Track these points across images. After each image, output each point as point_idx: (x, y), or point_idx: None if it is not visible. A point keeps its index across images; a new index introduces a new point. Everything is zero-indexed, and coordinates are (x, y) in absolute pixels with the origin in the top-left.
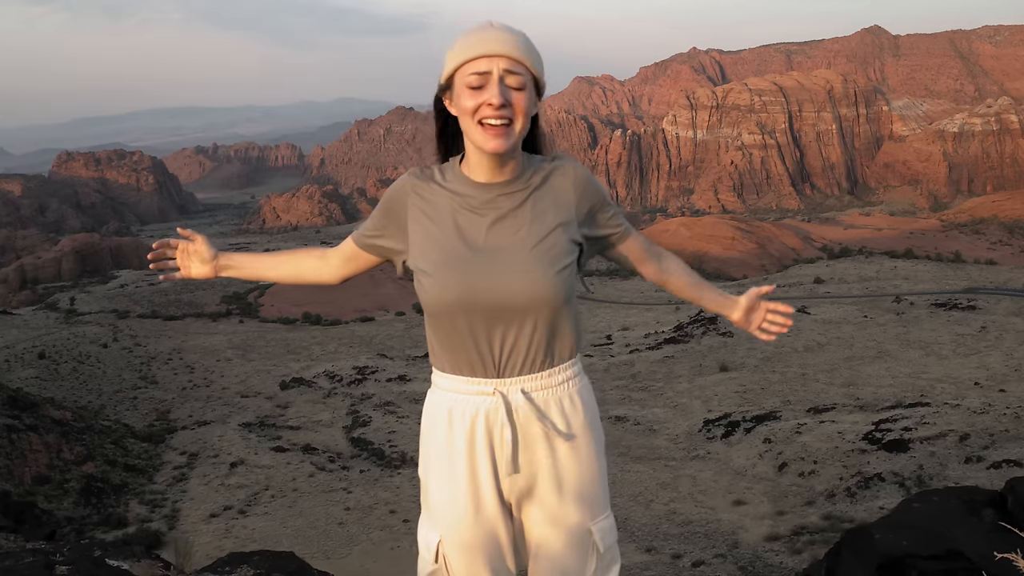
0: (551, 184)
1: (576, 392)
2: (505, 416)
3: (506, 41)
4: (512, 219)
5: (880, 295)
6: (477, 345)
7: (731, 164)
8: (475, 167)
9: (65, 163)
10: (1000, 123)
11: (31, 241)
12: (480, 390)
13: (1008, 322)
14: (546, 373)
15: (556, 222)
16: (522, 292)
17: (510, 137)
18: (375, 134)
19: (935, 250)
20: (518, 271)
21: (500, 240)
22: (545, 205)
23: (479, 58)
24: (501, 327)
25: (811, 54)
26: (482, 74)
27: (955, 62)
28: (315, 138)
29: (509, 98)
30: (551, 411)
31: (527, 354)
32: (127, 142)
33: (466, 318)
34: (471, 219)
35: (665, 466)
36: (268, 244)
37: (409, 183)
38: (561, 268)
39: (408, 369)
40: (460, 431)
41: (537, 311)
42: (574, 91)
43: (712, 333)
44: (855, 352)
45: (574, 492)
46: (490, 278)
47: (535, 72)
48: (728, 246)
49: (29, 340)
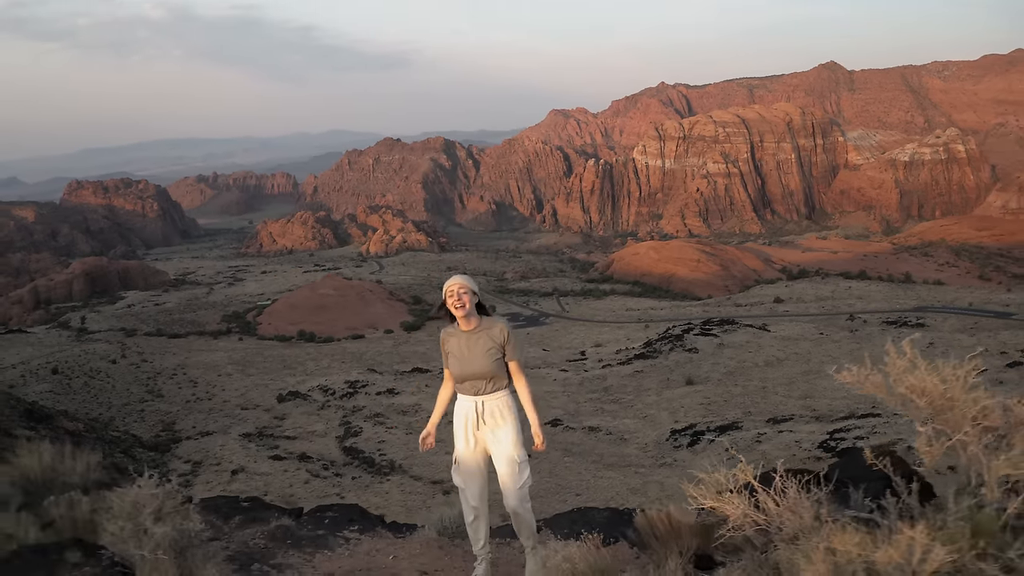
0: (492, 331)
1: (505, 402)
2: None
3: (459, 279)
4: (476, 343)
5: (835, 313)
6: (468, 386)
7: (697, 191)
8: (460, 324)
9: (75, 191)
10: (948, 152)
11: (44, 264)
12: (471, 400)
13: (954, 338)
14: (492, 395)
15: (492, 345)
16: (479, 369)
17: (467, 313)
18: (364, 163)
19: (887, 271)
20: (478, 362)
21: (473, 351)
22: (489, 337)
23: (451, 286)
24: (474, 380)
25: (772, 88)
26: (451, 293)
27: (906, 95)
28: (308, 167)
29: (463, 299)
30: (494, 409)
31: (483, 388)
32: (133, 171)
33: (462, 378)
34: (462, 342)
35: (635, 473)
36: (265, 266)
37: (443, 333)
38: (493, 360)
39: (396, 383)
40: (462, 415)
41: (484, 375)
42: (550, 123)
43: (679, 349)
44: (812, 366)
45: (505, 441)
46: (468, 364)
47: (472, 287)
48: (694, 268)
49: (43, 357)
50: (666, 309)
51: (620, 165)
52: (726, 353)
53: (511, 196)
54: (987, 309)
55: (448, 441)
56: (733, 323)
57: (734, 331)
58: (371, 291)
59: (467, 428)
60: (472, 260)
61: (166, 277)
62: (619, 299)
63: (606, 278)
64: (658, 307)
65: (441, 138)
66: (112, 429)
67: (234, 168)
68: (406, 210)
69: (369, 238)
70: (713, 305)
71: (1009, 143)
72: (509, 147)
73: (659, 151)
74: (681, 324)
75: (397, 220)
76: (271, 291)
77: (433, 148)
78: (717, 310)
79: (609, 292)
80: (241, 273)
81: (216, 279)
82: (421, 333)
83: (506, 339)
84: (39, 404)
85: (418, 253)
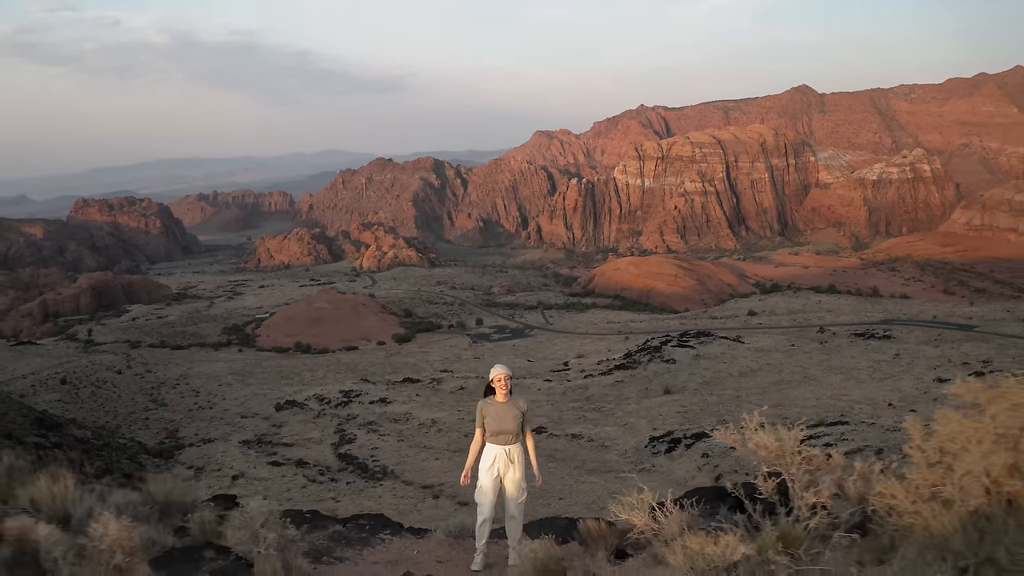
0: (518, 403)
1: (520, 450)
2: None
3: (502, 370)
4: (508, 411)
5: (806, 326)
6: (500, 438)
7: (675, 209)
8: (499, 397)
9: (82, 209)
10: (914, 172)
11: (52, 279)
12: (500, 447)
13: (919, 350)
14: (514, 445)
15: (518, 413)
16: (508, 427)
17: (506, 392)
18: (358, 182)
19: (855, 286)
20: (508, 424)
21: (506, 417)
22: (516, 407)
23: (498, 375)
24: (504, 435)
25: (746, 110)
26: (498, 379)
27: (874, 117)
28: (304, 186)
29: (507, 384)
30: (513, 453)
31: (509, 440)
32: (136, 190)
33: (496, 432)
34: (498, 410)
35: (615, 478)
36: (263, 281)
37: (481, 403)
38: (517, 423)
39: (388, 392)
40: (491, 457)
41: (512, 432)
42: (535, 144)
43: (657, 360)
44: (783, 376)
45: (516, 473)
46: (502, 423)
47: (510, 374)
48: (672, 282)
49: (52, 367)
50: (645, 322)
51: (601, 184)
52: (702, 364)
53: (498, 213)
54: (950, 322)
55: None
56: (709, 335)
57: (710, 343)
58: (364, 305)
59: (494, 465)
60: (460, 275)
61: (169, 291)
62: (601, 312)
63: (588, 292)
64: (638, 320)
65: (431, 158)
66: (118, 436)
67: (233, 187)
68: (397, 227)
69: (362, 254)
70: (690, 318)
71: (972, 163)
72: (496, 166)
73: (639, 170)
74: (659, 336)
75: (389, 236)
76: (269, 305)
77: (423, 167)
78: (694, 323)
79: (591, 305)
80: (240, 287)
81: (216, 293)
82: (412, 345)
83: (525, 411)
84: (49, 412)
85: (409, 268)
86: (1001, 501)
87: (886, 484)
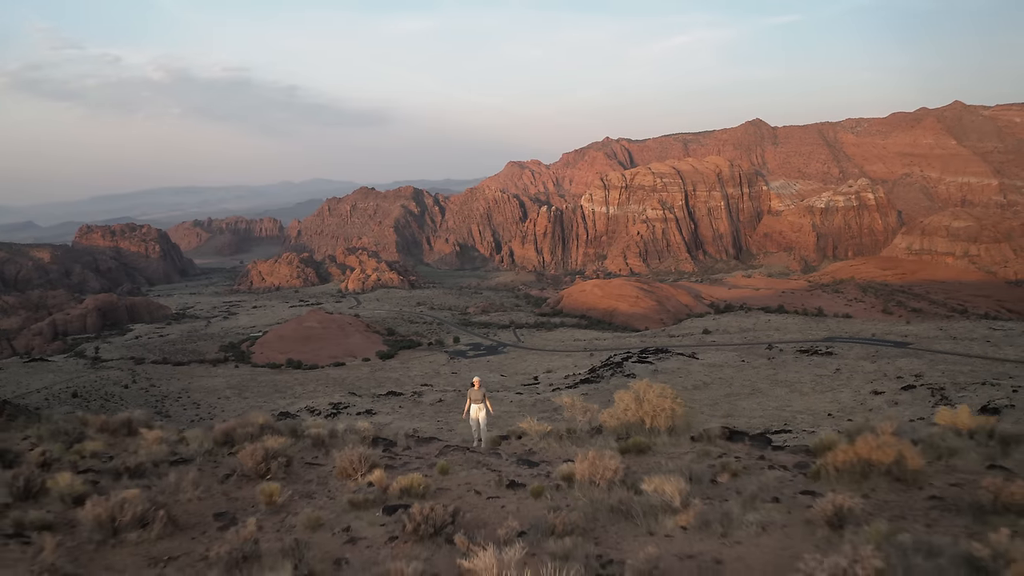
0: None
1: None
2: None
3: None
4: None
5: (756, 343)
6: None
7: (637, 234)
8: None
9: (86, 234)
10: (859, 200)
11: (60, 300)
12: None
13: (858, 365)
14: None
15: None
16: (477, 399)
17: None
18: (343, 210)
19: (802, 306)
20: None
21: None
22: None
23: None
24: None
25: (704, 142)
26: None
27: (823, 149)
28: (293, 212)
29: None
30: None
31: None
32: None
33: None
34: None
35: None
36: (256, 302)
37: (468, 391)
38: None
39: (374, 404)
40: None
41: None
42: (508, 173)
43: (619, 375)
44: (734, 389)
45: (483, 415)
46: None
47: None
48: (633, 303)
49: (63, 382)
50: (609, 339)
51: (570, 211)
52: (660, 378)
53: (473, 239)
54: (888, 339)
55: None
56: (667, 352)
57: (667, 359)
58: (350, 324)
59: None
60: (439, 296)
61: (168, 311)
62: (568, 331)
63: (557, 312)
64: (602, 338)
65: (411, 187)
66: None
67: (227, 213)
68: (380, 251)
69: (347, 276)
70: (650, 336)
71: (914, 191)
72: (471, 195)
73: (604, 199)
74: (621, 353)
75: (372, 260)
76: (262, 324)
77: (404, 196)
78: (653, 340)
79: (559, 324)
80: (235, 308)
81: (213, 313)
82: (395, 361)
83: (485, 393)
84: None
85: (391, 290)
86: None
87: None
